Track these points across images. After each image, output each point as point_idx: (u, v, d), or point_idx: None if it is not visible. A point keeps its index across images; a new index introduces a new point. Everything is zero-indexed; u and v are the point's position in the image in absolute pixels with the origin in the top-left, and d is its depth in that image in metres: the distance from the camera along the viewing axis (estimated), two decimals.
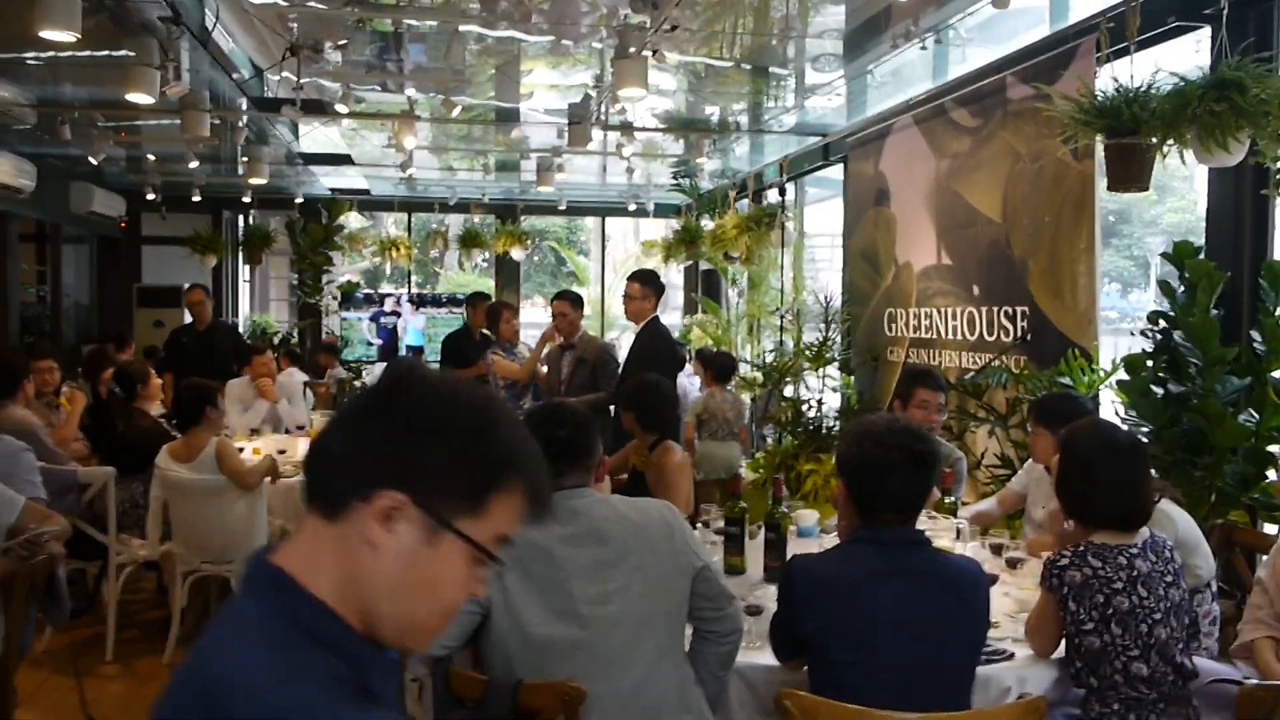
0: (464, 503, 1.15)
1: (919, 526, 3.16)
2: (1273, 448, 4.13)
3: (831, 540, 3.73)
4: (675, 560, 2.50)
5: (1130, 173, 4.11)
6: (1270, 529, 4.08)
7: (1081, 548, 2.62)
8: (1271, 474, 4.07)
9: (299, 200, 12.23)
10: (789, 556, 2.90)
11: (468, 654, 2.53)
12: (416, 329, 12.91)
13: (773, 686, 2.58)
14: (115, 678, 4.95)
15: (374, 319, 12.92)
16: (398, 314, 12.94)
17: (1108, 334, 5.36)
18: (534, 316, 21.00)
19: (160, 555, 5.20)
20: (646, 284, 6.04)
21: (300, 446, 6.21)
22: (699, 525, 4.06)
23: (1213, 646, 3.20)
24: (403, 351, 12.74)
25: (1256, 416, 4.16)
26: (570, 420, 2.57)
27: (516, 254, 12.74)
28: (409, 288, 14.79)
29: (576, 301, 6.51)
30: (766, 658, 2.68)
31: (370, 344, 12.83)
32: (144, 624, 5.64)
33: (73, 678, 4.81)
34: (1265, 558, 3.37)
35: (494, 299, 9.03)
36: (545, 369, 6.77)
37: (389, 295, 13.36)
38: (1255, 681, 2.53)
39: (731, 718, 2.70)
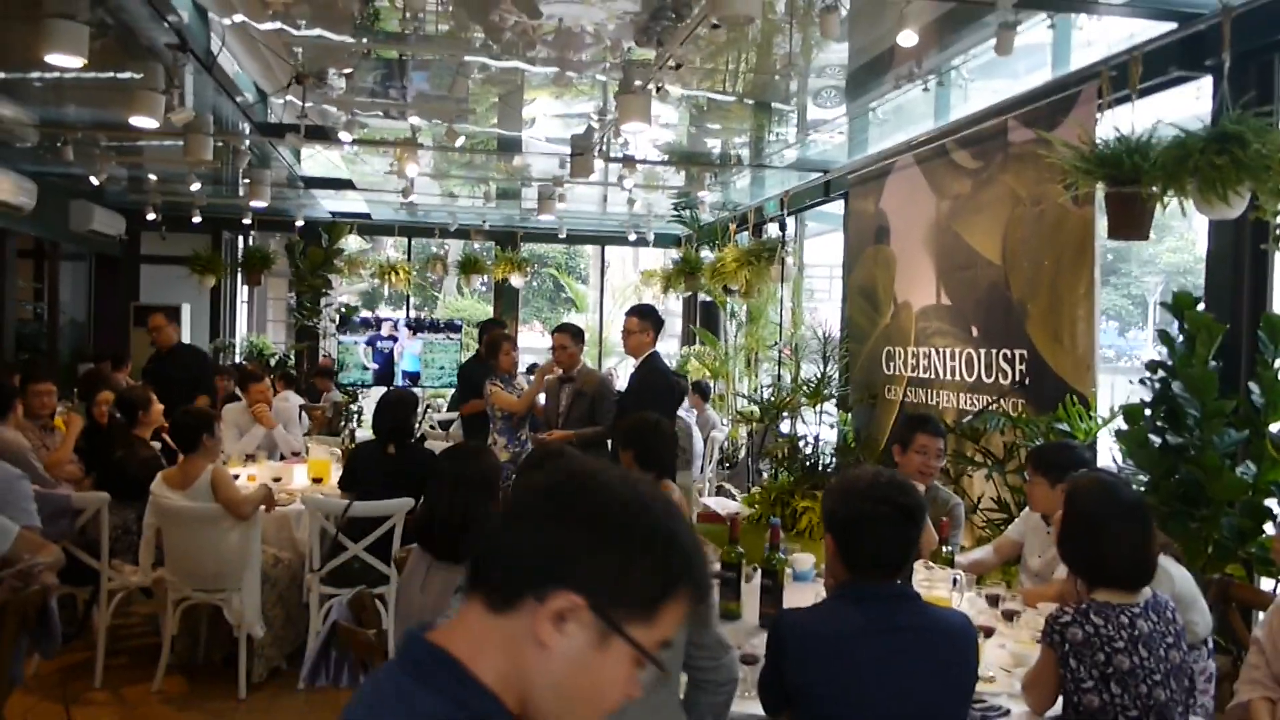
0: (638, 609, 1.14)
1: (917, 576, 3.17)
2: (1270, 501, 4.12)
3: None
4: None
5: (1131, 221, 4.12)
6: (1267, 584, 4.07)
7: (1084, 605, 2.61)
8: (1269, 528, 4.07)
9: (299, 223, 12.26)
10: (781, 608, 2.89)
11: None
12: (413, 354, 12.84)
13: None
14: (104, 704, 4.90)
15: (370, 343, 12.85)
16: (394, 338, 12.89)
17: (1105, 372, 5.38)
18: (531, 341, 21.05)
19: (152, 582, 5.16)
20: (645, 318, 6.04)
21: (295, 474, 6.19)
22: None
23: (1208, 704, 3.18)
24: (399, 377, 12.69)
25: (1254, 469, 4.15)
26: None
27: (516, 281, 12.77)
28: (407, 311, 14.79)
29: (577, 334, 6.51)
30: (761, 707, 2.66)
31: (366, 368, 12.78)
32: (133, 650, 5.59)
33: (61, 703, 4.78)
34: (1263, 616, 3.36)
35: (504, 327, 8.96)
36: (543, 400, 6.77)
37: (386, 320, 13.33)
38: None
39: None
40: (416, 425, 10.59)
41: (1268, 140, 3.64)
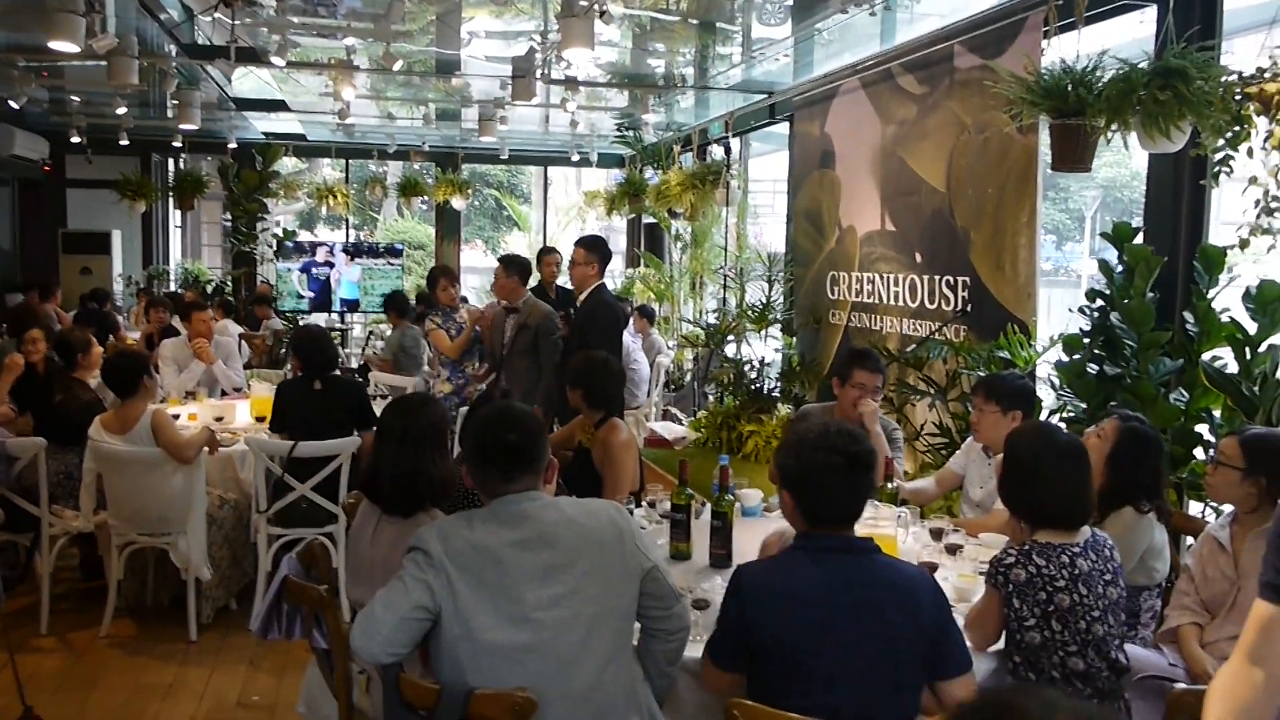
0: None
1: (863, 514, 3.22)
2: (1201, 428, 4.24)
3: (776, 519, 3.79)
4: (624, 563, 2.50)
5: (1073, 154, 4.13)
6: (1195, 508, 4.21)
7: (1026, 547, 2.68)
8: (1199, 453, 4.19)
9: (232, 144, 11.88)
10: (735, 564, 2.91)
11: (416, 656, 2.51)
12: (351, 280, 12.41)
13: None
14: (51, 651, 4.85)
15: (305, 270, 12.36)
16: (330, 264, 12.45)
17: (1043, 286, 5.44)
18: (473, 260, 20.81)
19: (95, 526, 5.08)
20: (591, 250, 5.97)
21: (238, 411, 6.09)
22: (644, 504, 4.08)
23: (1148, 637, 3.31)
24: (336, 305, 12.34)
25: (1186, 396, 4.27)
26: (521, 424, 2.54)
27: (458, 203, 12.55)
28: (346, 234, 14.45)
29: (510, 265, 6.44)
30: None
31: (301, 296, 12.35)
32: (79, 595, 5.53)
33: (5, 651, 4.72)
34: (1192, 544, 3.48)
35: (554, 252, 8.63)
36: (489, 329, 6.74)
37: (321, 245, 12.91)
38: (1184, 686, 2.61)
39: (680, 711, 2.73)
40: (360, 353, 10.50)
41: (1210, 75, 3.65)
